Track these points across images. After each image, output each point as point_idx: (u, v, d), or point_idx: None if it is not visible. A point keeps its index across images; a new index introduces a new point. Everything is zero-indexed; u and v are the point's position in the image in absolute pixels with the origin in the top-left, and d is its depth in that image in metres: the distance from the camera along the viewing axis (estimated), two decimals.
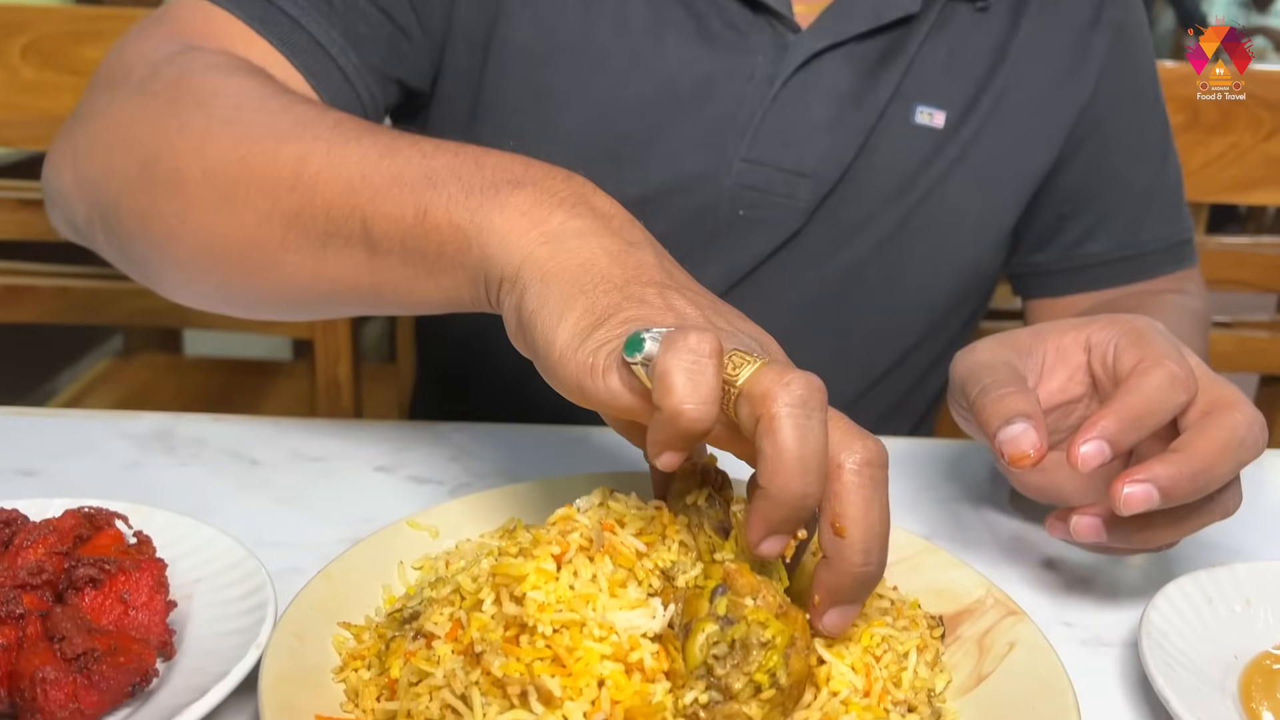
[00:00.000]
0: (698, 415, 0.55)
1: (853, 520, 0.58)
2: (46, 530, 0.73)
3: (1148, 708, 0.73)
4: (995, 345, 0.82)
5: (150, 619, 0.69)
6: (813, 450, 0.56)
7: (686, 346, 0.56)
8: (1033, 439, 0.72)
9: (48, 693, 0.61)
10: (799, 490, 0.56)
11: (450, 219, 0.71)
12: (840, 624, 0.63)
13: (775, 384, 0.56)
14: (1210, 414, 0.73)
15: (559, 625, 0.60)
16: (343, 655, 0.69)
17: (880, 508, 0.59)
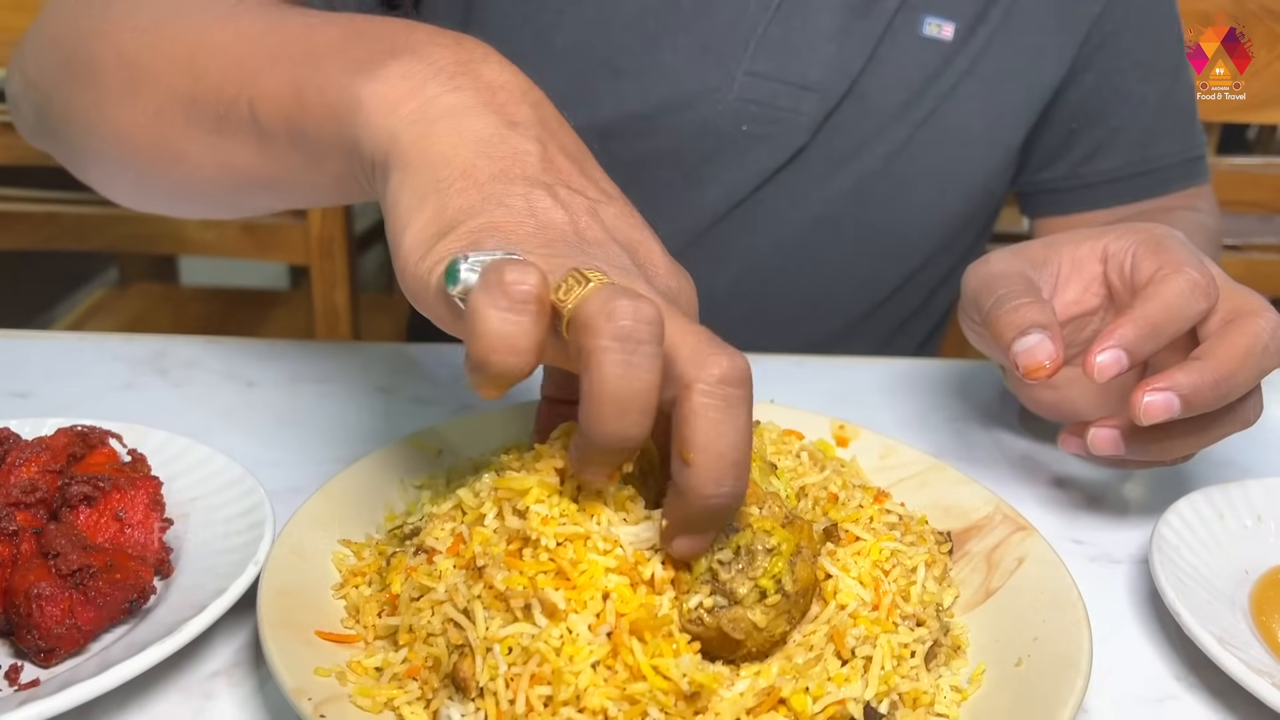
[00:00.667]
0: (505, 367, 0.50)
1: (700, 448, 0.51)
2: (39, 448, 0.71)
3: (1157, 622, 0.72)
4: (1009, 256, 0.80)
5: (146, 537, 0.68)
6: (631, 389, 0.49)
7: (501, 285, 0.49)
8: (1049, 350, 0.70)
9: (43, 609, 0.60)
10: (612, 431, 0.50)
11: (323, 97, 0.64)
12: (689, 550, 0.57)
13: (599, 314, 0.49)
14: (1232, 321, 0.71)
15: (562, 539, 0.58)
16: (343, 572, 0.68)
17: (735, 431, 0.51)
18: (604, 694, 0.54)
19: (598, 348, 0.49)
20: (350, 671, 0.59)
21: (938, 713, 0.60)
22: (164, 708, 0.61)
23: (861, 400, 0.99)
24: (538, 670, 0.55)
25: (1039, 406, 0.86)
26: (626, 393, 0.49)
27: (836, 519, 0.67)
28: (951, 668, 0.63)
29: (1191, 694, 0.66)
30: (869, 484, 0.76)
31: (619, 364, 0.49)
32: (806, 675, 0.57)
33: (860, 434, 0.84)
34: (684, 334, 0.52)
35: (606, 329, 0.49)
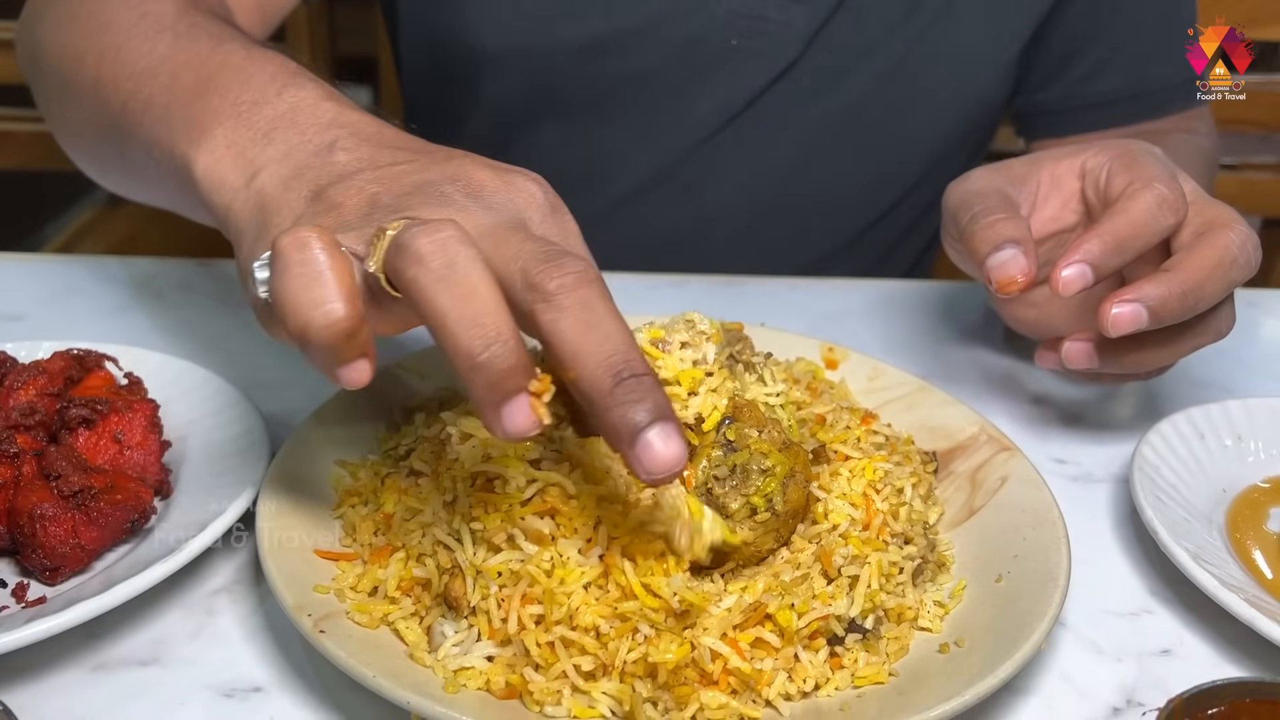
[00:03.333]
0: (325, 323, 0.48)
1: (572, 361, 0.49)
2: (36, 372, 0.72)
3: (1136, 540, 0.74)
4: (989, 174, 0.79)
5: (145, 458, 0.69)
6: (459, 300, 0.47)
7: (283, 256, 0.49)
8: (1021, 264, 0.70)
9: (47, 528, 0.61)
10: (470, 346, 0.47)
11: (170, 161, 0.68)
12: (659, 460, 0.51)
13: (398, 254, 0.49)
14: (1203, 234, 0.71)
15: (534, 477, 0.59)
16: (339, 492, 0.69)
17: (601, 327, 0.49)
18: (596, 612, 0.56)
19: (411, 280, 0.48)
20: (348, 589, 0.61)
21: (921, 626, 0.62)
22: (167, 624, 0.63)
23: (851, 323, 0.99)
24: (529, 591, 0.57)
25: (1021, 325, 0.87)
26: (458, 306, 0.47)
27: (825, 440, 0.69)
28: (937, 583, 0.65)
29: (1166, 609, 0.68)
30: (857, 406, 0.77)
31: (436, 281, 0.47)
32: (793, 592, 0.58)
33: (849, 356, 0.85)
34: (514, 257, 0.50)
35: (409, 260, 0.48)
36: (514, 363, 0.48)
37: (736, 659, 0.55)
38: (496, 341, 0.47)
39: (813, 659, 0.58)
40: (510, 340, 0.48)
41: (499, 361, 0.47)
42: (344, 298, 0.48)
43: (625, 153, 1.12)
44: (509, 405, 0.49)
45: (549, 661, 0.55)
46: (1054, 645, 0.64)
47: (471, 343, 0.47)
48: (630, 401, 0.48)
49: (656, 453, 0.48)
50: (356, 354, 0.50)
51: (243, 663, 0.60)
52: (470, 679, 0.56)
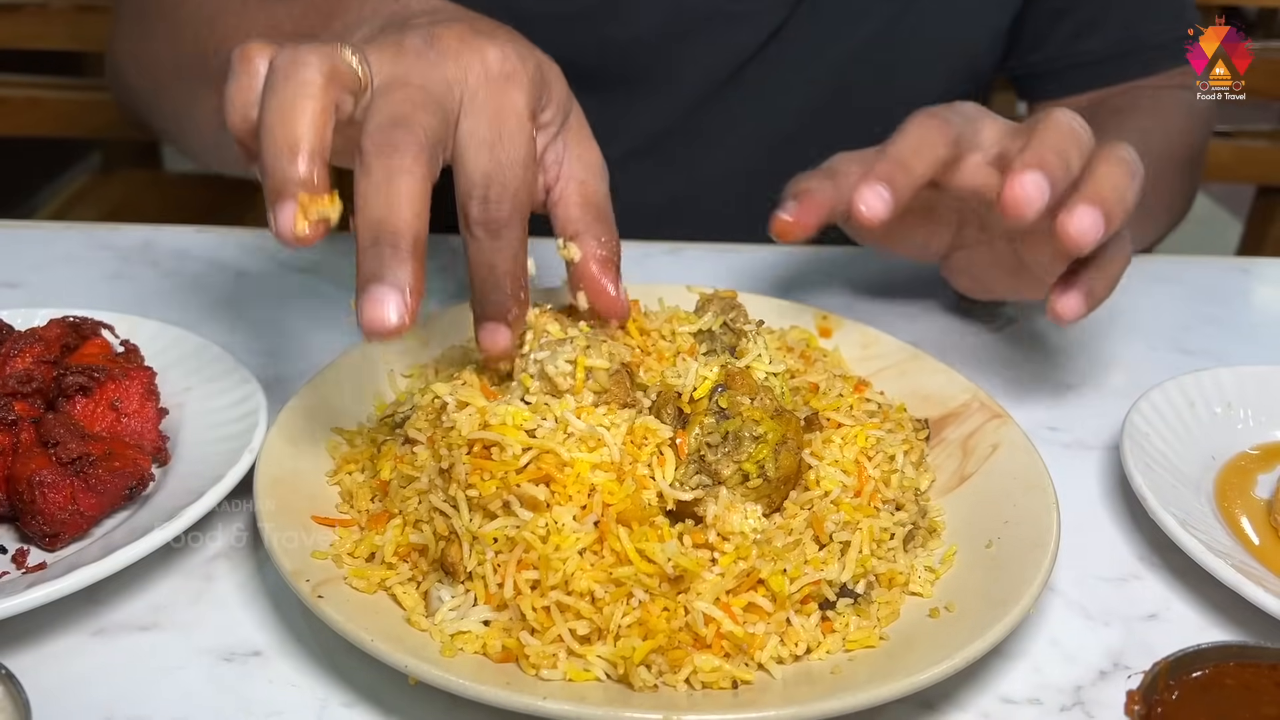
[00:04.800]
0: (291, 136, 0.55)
1: (358, 216, 0.57)
2: (33, 339, 0.72)
3: (1125, 506, 0.75)
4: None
5: (142, 426, 0.70)
6: (280, 124, 0.56)
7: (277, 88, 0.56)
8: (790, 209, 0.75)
9: (46, 495, 0.62)
10: (269, 152, 0.56)
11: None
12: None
13: (275, 70, 0.57)
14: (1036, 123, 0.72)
15: (529, 444, 0.60)
16: (336, 459, 0.70)
17: (389, 197, 0.56)
18: (591, 577, 0.57)
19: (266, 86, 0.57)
20: (345, 555, 0.61)
21: (912, 591, 0.63)
22: (167, 590, 0.63)
23: (845, 291, 1.00)
24: (524, 557, 0.58)
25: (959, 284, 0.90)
26: (278, 119, 0.55)
27: (818, 408, 0.69)
28: (927, 549, 0.66)
29: (1154, 574, 0.69)
30: (850, 374, 0.78)
31: (272, 93, 0.56)
32: (785, 558, 0.59)
33: (843, 325, 0.85)
34: (375, 111, 0.58)
35: (276, 71, 0.57)
36: (294, 175, 0.55)
37: (729, 623, 0.56)
38: (286, 154, 0.54)
39: (804, 623, 0.58)
40: (300, 155, 0.55)
41: (282, 169, 0.55)
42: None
43: (615, 120, 1.12)
44: (279, 205, 0.55)
45: (545, 626, 0.56)
46: (1043, 610, 0.65)
47: (269, 147, 0.55)
48: (373, 260, 0.55)
49: (372, 308, 0.55)
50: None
51: (242, 627, 0.61)
52: (467, 643, 0.56)
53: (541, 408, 0.63)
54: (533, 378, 0.65)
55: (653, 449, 0.62)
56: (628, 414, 0.64)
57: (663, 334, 0.74)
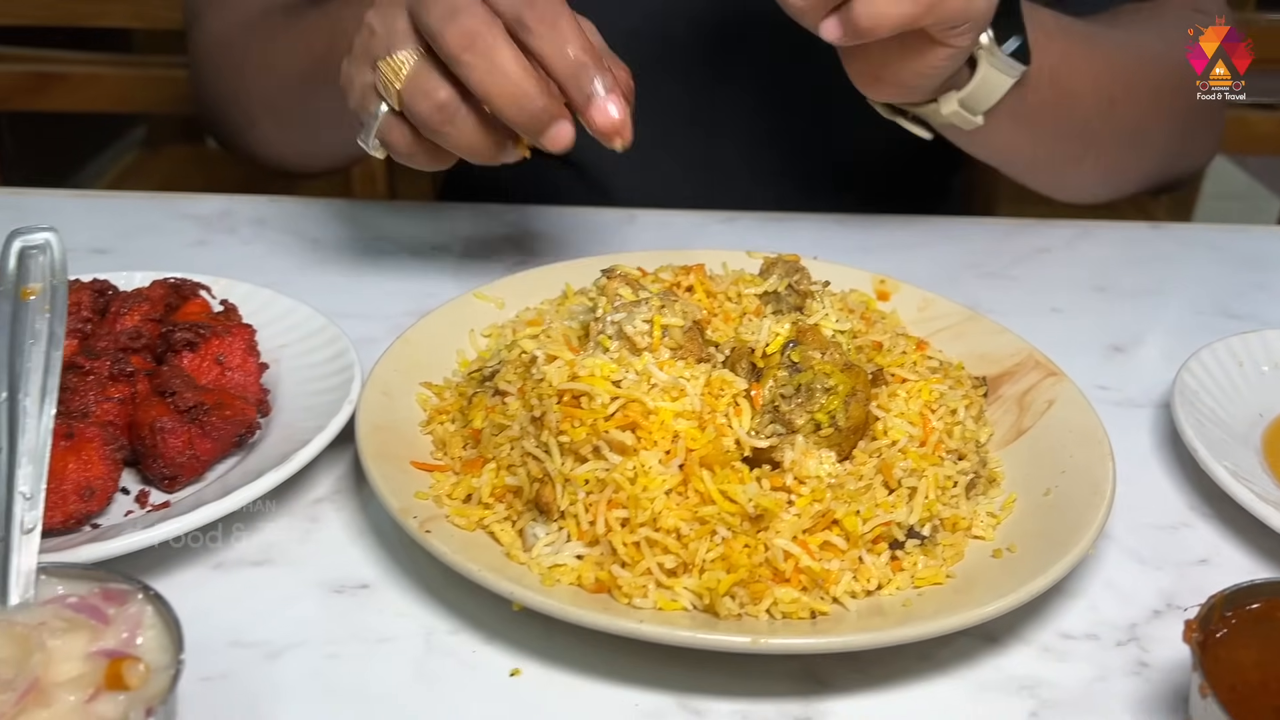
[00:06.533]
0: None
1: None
2: (139, 299, 0.77)
3: (1176, 461, 0.78)
4: None
5: (246, 379, 0.74)
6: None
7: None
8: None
9: (166, 440, 0.66)
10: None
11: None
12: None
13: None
14: None
15: (616, 394, 0.64)
16: (427, 411, 0.74)
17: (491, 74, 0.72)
18: (677, 515, 0.61)
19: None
20: (445, 496, 0.66)
21: (975, 535, 0.66)
22: (276, 530, 0.68)
23: (898, 257, 1.03)
24: (614, 497, 0.62)
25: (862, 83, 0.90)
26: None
27: (882, 364, 0.73)
28: (988, 496, 0.69)
29: (1205, 522, 0.72)
30: (909, 334, 0.81)
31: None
32: (858, 500, 0.63)
33: (900, 288, 0.89)
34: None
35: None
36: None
37: (807, 559, 0.60)
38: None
39: (875, 561, 0.62)
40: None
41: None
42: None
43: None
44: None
45: (635, 560, 0.60)
46: (1098, 554, 0.69)
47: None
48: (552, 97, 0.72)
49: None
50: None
51: (349, 563, 0.65)
52: (563, 575, 0.61)
53: (625, 361, 0.66)
54: (610, 338, 0.69)
55: (729, 400, 0.66)
56: (704, 368, 0.68)
57: (729, 295, 0.78)
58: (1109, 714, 0.58)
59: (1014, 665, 0.60)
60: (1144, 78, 1.01)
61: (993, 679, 0.60)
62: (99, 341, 0.73)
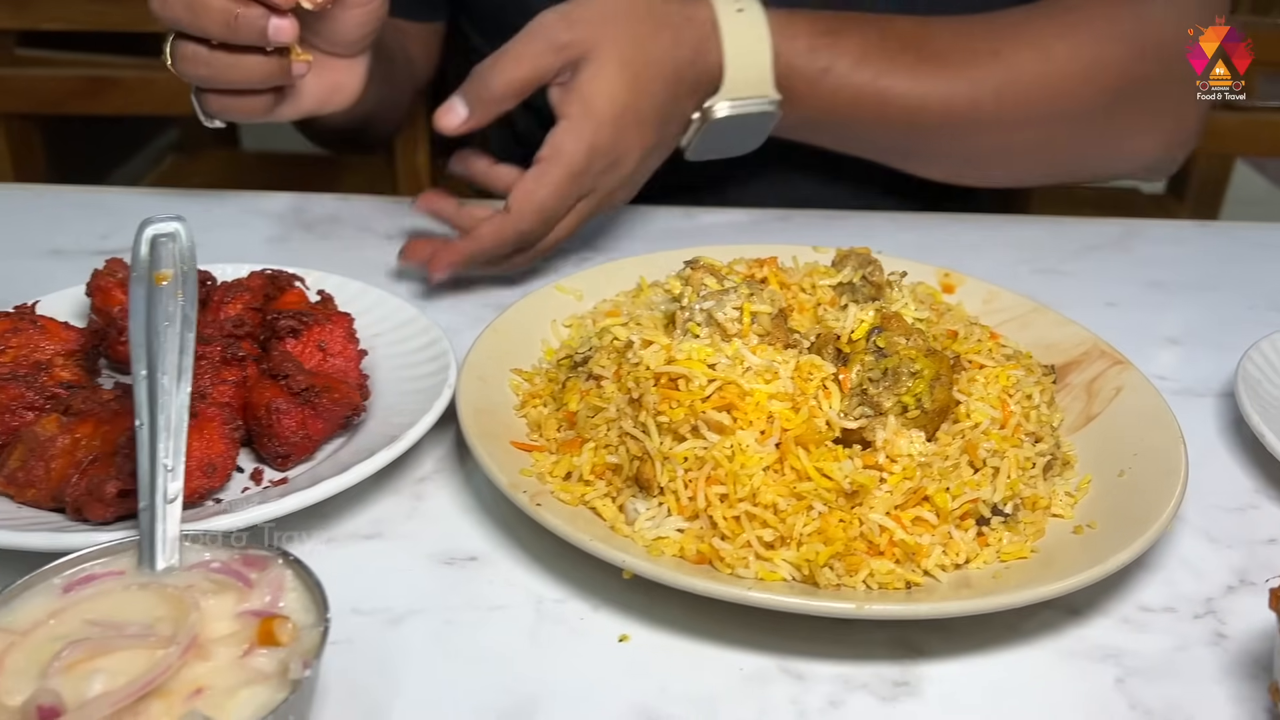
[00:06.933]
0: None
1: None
2: (240, 289, 0.80)
3: (1239, 446, 0.81)
4: None
5: (346, 365, 0.77)
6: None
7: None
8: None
9: (280, 420, 0.69)
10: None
11: None
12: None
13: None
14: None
15: (713, 376, 0.67)
16: (520, 395, 0.77)
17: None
18: (775, 491, 0.64)
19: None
20: (547, 474, 0.69)
21: (1054, 513, 0.69)
22: (383, 507, 0.71)
23: (953, 254, 1.06)
24: (713, 473, 0.65)
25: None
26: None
27: (959, 351, 0.75)
28: (1063, 477, 0.72)
29: (1271, 504, 0.75)
30: (980, 324, 0.84)
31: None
32: (947, 478, 0.66)
33: (965, 281, 0.91)
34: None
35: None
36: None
37: (901, 532, 0.63)
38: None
39: (963, 536, 0.65)
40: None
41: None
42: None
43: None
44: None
45: (735, 533, 0.63)
46: (1170, 534, 0.71)
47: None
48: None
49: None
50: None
51: (457, 536, 0.68)
52: (666, 547, 0.64)
53: (718, 346, 0.70)
54: (700, 325, 0.72)
55: (818, 383, 0.69)
56: (792, 354, 0.71)
57: (803, 287, 0.81)
58: (1193, 681, 0.60)
59: (1097, 635, 0.63)
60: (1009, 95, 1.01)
61: (1078, 648, 0.62)
62: (205, 329, 0.76)
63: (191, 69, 0.89)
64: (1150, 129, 1.07)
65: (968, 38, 1.01)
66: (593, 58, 0.89)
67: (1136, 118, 1.05)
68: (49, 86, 1.87)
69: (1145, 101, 1.05)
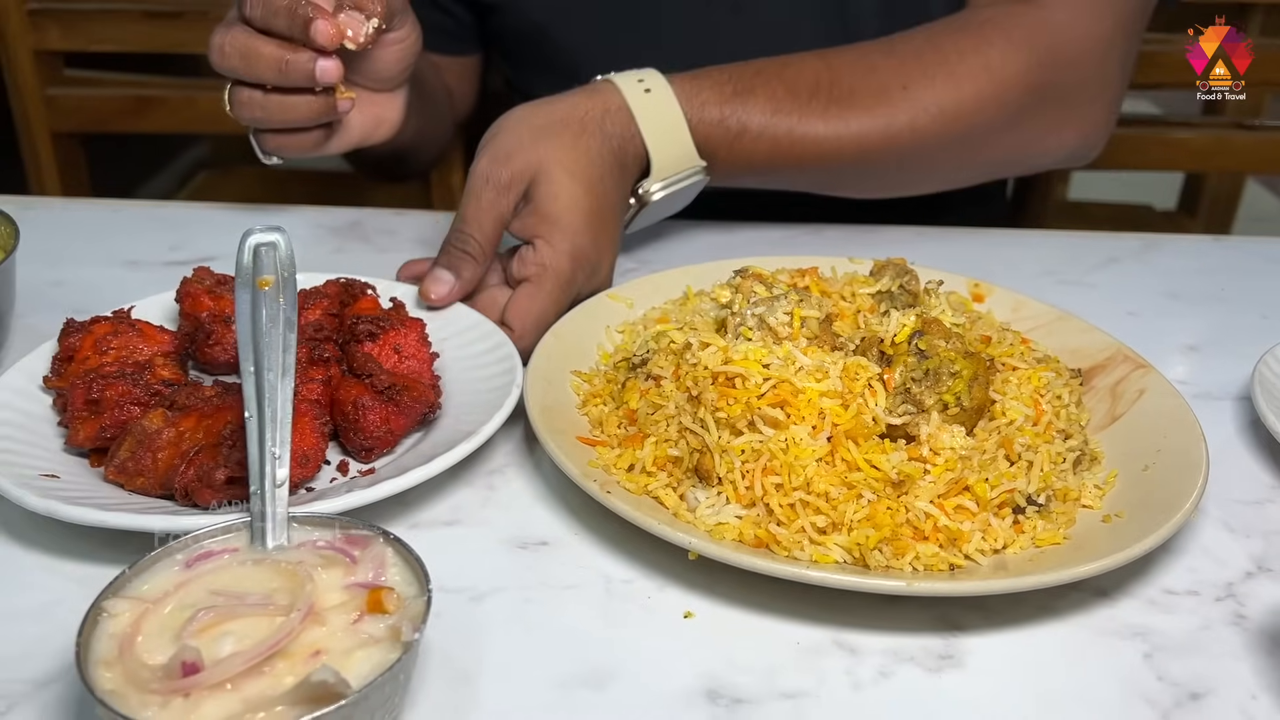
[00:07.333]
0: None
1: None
2: (319, 295, 0.86)
3: (1257, 445, 0.86)
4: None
5: (420, 366, 0.83)
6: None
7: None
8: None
9: (366, 416, 0.75)
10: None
11: None
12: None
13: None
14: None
15: (768, 375, 0.73)
16: (581, 395, 0.83)
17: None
18: (827, 481, 0.69)
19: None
20: (611, 466, 0.74)
21: (1084, 505, 0.74)
22: (459, 496, 0.76)
23: (979, 266, 1.10)
24: (769, 464, 0.70)
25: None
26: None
27: (994, 354, 0.81)
28: (1092, 472, 0.77)
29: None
30: (1012, 329, 0.89)
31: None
32: (986, 470, 0.71)
33: (994, 291, 0.97)
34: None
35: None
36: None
37: (944, 519, 0.68)
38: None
39: (1001, 524, 0.70)
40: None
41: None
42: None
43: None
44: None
45: (790, 519, 0.69)
46: (1192, 524, 0.76)
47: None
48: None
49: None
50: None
51: (529, 523, 0.74)
52: (726, 532, 0.69)
53: (770, 348, 0.75)
54: (752, 329, 0.78)
55: (864, 382, 0.74)
56: (839, 355, 0.76)
57: (843, 295, 0.86)
58: (1215, 656, 0.65)
59: (1126, 615, 0.68)
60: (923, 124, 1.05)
61: (1108, 626, 0.67)
62: None
63: (248, 112, 0.96)
64: (1061, 127, 1.12)
65: (875, 74, 1.05)
66: (541, 179, 0.93)
67: (1046, 120, 1.11)
68: (95, 105, 1.93)
69: (1052, 105, 1.10)
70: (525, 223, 0.93)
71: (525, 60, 1.34)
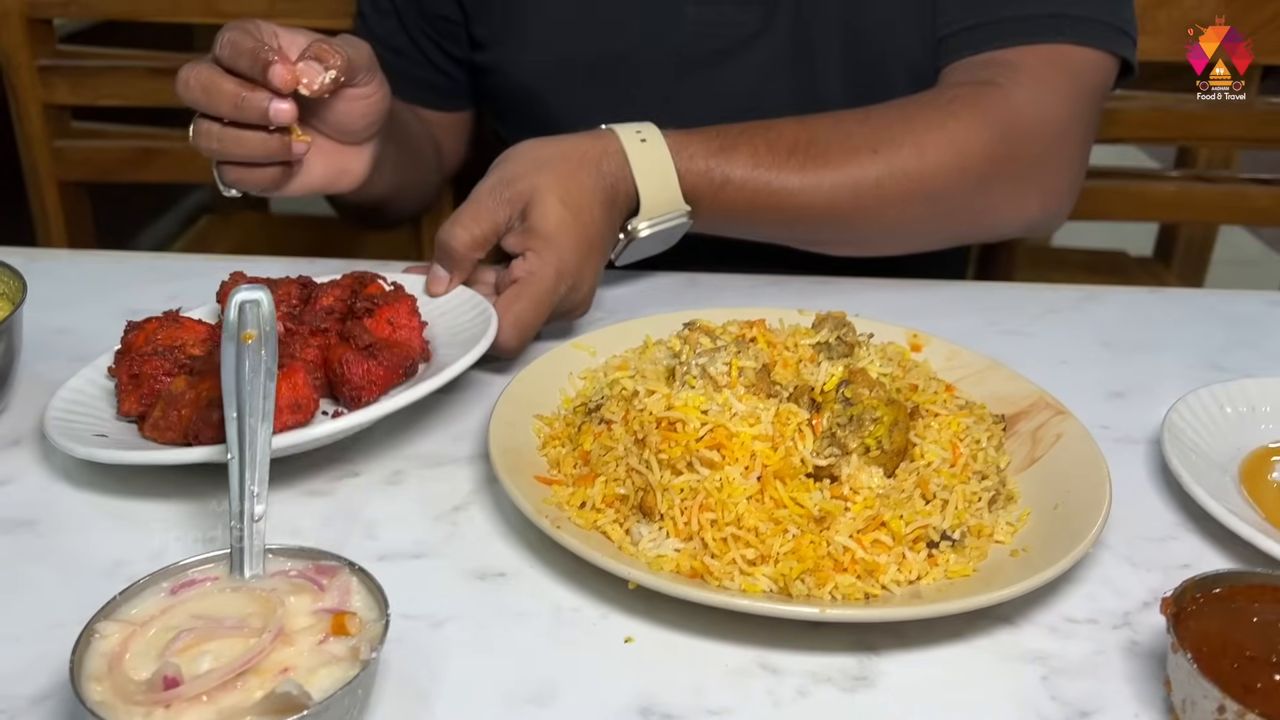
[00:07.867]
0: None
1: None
2: (334, 285, 0.99)
3: (1166, 488, 0.92)
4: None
5: (411, 335, 0.95)
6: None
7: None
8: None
9: (350, 368, 0.87)
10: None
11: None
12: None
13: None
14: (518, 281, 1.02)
15: (705, 420, 0.80)
16: (541, 437, 0.90)
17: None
18: (756, 517, 0.76)
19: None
20: (564, 503, 0.81)
21: (996, 540, 0.81)
22: (425, 530, 0.83)
23: (927, 316, 1.18)
24: (705, 502, 0.77)
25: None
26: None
27: (918, 401, 0.88)
28: (1006, 510, 0.84)
29: (1188, 536, 0.87)
30: (939, 379, 0.96)
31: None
32: (901, 507, 0.78)
33: (931, 341, 1.04)
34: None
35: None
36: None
37: (861, 552, 0.75)
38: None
39: (915, 557, 0.77)
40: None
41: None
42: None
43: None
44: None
45: (722, 552, 0.75)
46: (1098, 558, 0.83)
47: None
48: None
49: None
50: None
51: (488, 556, 0.81)
52: (665, 563, 0.76)
53: (710, 395, 0.82)
54: (696, 377, 0.85)
55: (794, 427, 0.81)
56: (772, 402, 0.83)
57: (786, 345, 0.94)
58: (1105, 679, 0.72)
59: (1028, 641, 0.75)
60: (889, 186, 1.15)
61: (1011, 651, 0.74)
62: (305, 316, 0.95)
63: (205, 143, 1.03)
64: (1022, 198, 1.21)
65: (849, 138, 1.15)
66: (536, 201, 1.04)
67: (1007, 192, 1.20)
68: (101, 156, 2.02)
69: (1013, 178, 1.19)
70: (518, 238, 1.04)
71: (515, 119, 1.42)
